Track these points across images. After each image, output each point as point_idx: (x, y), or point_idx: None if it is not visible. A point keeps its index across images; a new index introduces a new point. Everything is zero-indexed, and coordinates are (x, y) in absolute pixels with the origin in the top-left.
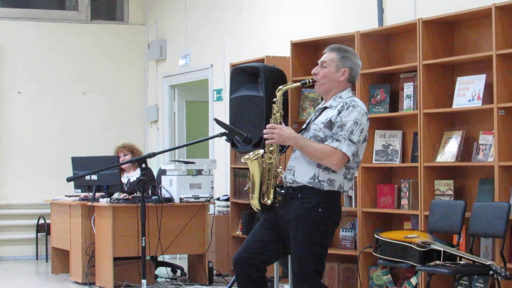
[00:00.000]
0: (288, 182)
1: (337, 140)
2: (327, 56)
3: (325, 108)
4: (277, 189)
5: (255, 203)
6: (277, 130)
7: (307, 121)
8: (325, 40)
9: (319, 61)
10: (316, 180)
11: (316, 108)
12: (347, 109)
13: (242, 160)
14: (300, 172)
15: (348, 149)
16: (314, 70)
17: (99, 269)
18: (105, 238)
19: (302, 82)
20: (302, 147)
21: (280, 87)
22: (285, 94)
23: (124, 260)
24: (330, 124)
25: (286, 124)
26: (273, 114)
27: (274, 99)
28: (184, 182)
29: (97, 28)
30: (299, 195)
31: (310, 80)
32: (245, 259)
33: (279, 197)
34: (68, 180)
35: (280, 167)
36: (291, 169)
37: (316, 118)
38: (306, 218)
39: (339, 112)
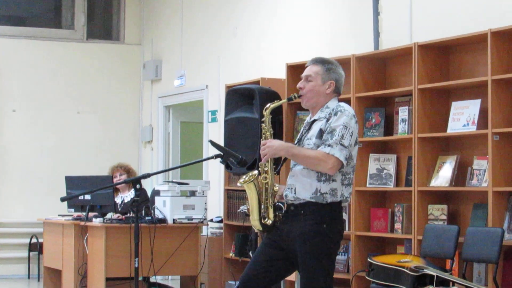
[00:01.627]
0: (290, 200)
1: (329, 146)
2: (311, 69)
3: (314, 121)
4: (277, 207)
5: (256, 224)
6: (267, 145)
7: (299, 137)
8: None
9: (303, 75)
10: (319, 194)
11: (305, 122)
12: (335, 114)
13: (238, 184)
14: (301, 189)
15: (340, 154)
16: (299, 84)
17: None
18: (98, 258)
19: (288, 98)
20: (295, 155)
21: (267, 105)
22: (279, 116)
23: (116, 281)
24: (321, 134)
25: None
26: (263, 134)
27: (262, 119)
28: (177, 203)
29: (93, 47)
30: (302, 211)
31: (296, 95)
32: (253, 280)
33: (279, 215)
34: (62, 200)
35: (277, 185)
36: (292, 188)
37: (307, 132)
38: (311, 234)
39: (327, 120)
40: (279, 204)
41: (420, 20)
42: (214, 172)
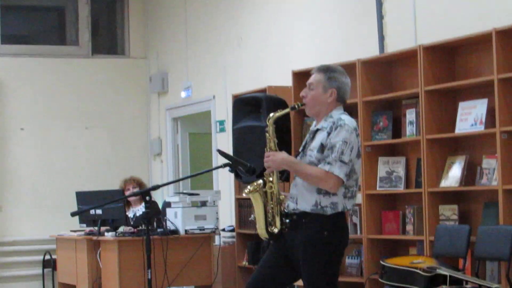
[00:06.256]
0: (292, 210)
1: (328, 163)
2: (314, 77)
3: (317, 130)
4: (284, 215)
5: (262, 233)
6: (270, 157)
7: (303, 144)
8: None
9: (307, 83)
10: (319, 207)
11: (310, 130)
12: (335, 129)
13: (243, 194)
14: (302, 200)
15: (340, 171)
16: (302, 93)
17: None
18: (112, 272)
19: (291, 107)
20: (297, 171)
21: (270, 115)
22: (287, 123)
23: None
24: (322, 148)
25: (289, 154)
26: (267, 144)
27: (266, 129)
28: (189, 214)
29: (99, 62)
30: (304, 220)
31: (300, 104)
32: (258, 286)
33: (287, 223)
34: (72, 214)
35: (283, 193)
36: (294, 198)
37: (311, 141)
38: (312, 242)
39: (329, 134)
40: (287, 211)
41: (424, 22)
42: (225, 181)
